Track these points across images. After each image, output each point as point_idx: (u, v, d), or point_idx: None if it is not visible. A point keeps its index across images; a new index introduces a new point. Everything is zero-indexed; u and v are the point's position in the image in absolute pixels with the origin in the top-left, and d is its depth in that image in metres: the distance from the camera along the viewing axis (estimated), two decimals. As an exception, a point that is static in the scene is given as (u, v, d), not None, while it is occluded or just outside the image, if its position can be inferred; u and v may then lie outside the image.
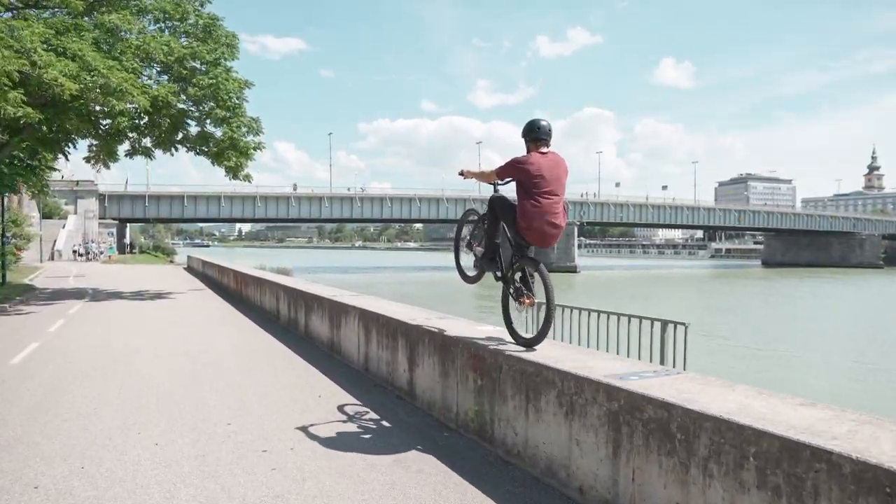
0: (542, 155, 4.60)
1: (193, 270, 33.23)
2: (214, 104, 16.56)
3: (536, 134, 4.65)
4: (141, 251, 68.96)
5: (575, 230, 75.72)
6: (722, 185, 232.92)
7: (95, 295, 18.78)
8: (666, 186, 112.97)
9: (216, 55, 16.81)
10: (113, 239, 62.30)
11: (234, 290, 18.49)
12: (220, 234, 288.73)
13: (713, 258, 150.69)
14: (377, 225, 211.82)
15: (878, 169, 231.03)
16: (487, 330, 5.61)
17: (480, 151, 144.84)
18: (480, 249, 5.16)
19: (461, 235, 5.63)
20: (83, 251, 53.54)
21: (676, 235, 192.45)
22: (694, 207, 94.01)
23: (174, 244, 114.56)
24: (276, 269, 32.87)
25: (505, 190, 5.07)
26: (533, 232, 4.54)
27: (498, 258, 4.99)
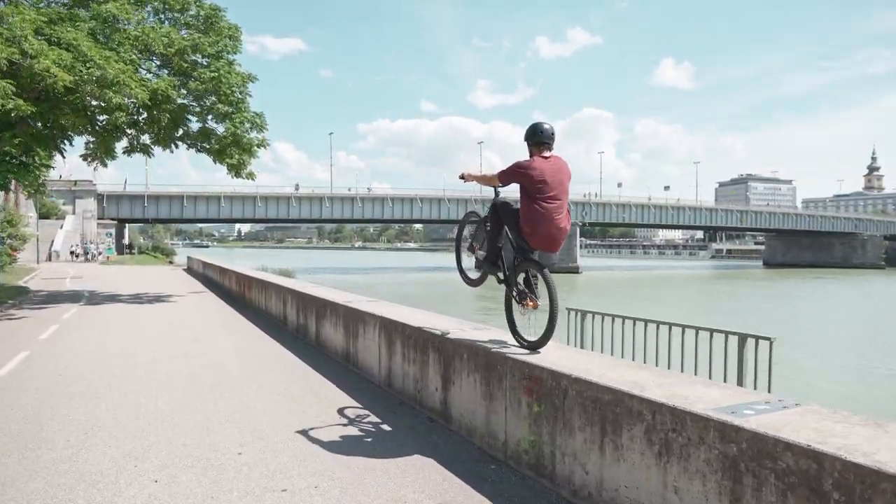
0: (544, 159, 4.57)
1: (193, 272, 32.48)
2: (216, 99, 15.82)
3: (539, 138, 4.61)
4: (140, 252, 68.25)
5: (577, 231, 75.21)
6: (722, 185, 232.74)
7: (92, 298, 18.05)
8: (668, 187, 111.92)
9: (218, 48, 16.08)
10: (111, 239, 61.56)
11: (236, 292, 17.75)
12: (219, 234, 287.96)
13: (714, 259, 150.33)
14: (377, 225, 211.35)
15: (878, 169, 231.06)
16: (545, 349, 4.89)
17: (481, 152, 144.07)
18: (482, 252, 5.10)
19: (462, 238, 5.59)
20: (81, 252, 52.75)
21: (677, 236, 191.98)
22: (696, 208, 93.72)
23: (173, 244, 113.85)
24: (277, 270, 32.16)
25: (506, 192, 5.01)
26: (537, 237, 4.53)
27: (500, 261, 4.93)
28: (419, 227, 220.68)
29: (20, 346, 9.45)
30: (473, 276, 5.31)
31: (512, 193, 4.98)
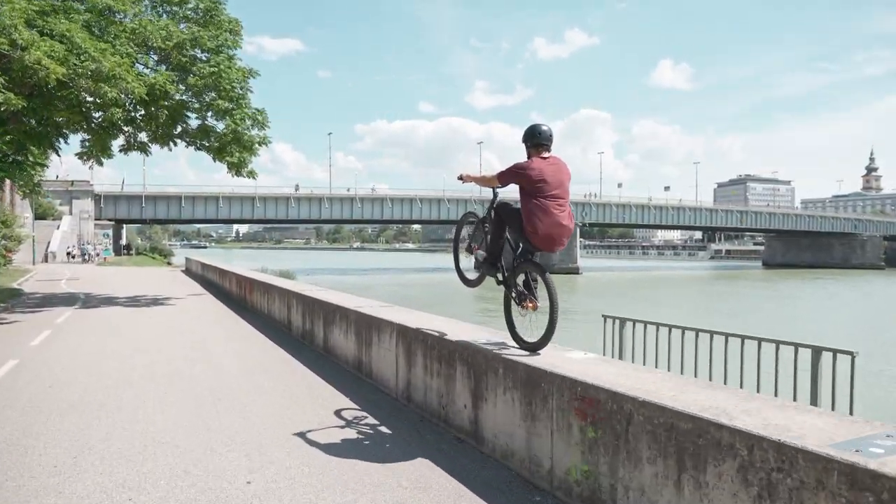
0: (543, 160, 4.54)
1: (192, 273, 31.91)
2: (216, 95, 15.25)
3: (537, 139, 4.60)
4: (138, 253, 67.69)
5: (577, 231, 74.84)
6: (721, 186, 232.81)
7: (88, 301, 17.48)
8: (668, 187, 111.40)
9: (218, 42, 15.52)
10: (109, 240, 60.98)
11: (236, 295, 17.20)
12: (217, 235, 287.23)
13: (713, 259, 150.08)
14: (375, 226, 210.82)
15: (876, 170, 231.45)
16: (586, 359, 4.36)
17: (481, 152, 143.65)
18: (482, 253, 5.07)
19: (460, 238, 5.56)
20: (78, 253, 52.11)
21: (675, 236, 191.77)
22: (696, 208, 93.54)
23: (171, 245, 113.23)
24: (277, 272, 31.61)
25: (505, 193, 4.97)
26: (541, 237, 4.47)
27: (500, 262, 4.90)
28: (417, 227, 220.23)
29: (10, 353, 8.90)
30: (471, 276, 5.25)
31: (510, 194, 4.94)
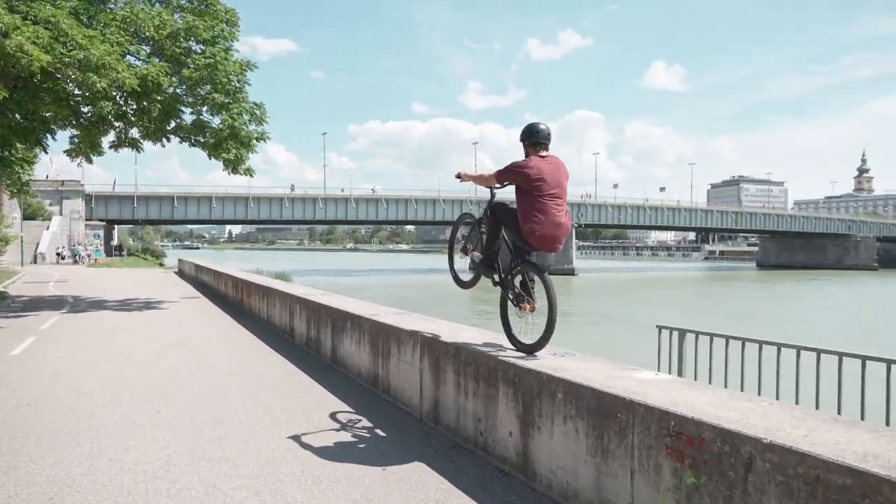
0: (541, 158, 4.50)
1: (185, 275, 31.07)
2: (212, 88, 14.48)
3: (535, 138, 4.55)
4: (129, 254, 66.69)
5: (573, 232, 74.41)
6: (714, 187, 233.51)
7: (76, 304, 16.67)
8: (664, 188, 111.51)
9: (214, 33, 14.75)
10: (100, 241, 59.99)
11: (233, 298, 16.43)
12: (209, 236, 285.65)
13: (707, 260, 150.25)
14: (368, 227, 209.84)
15: (867, 171, 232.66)
16: (664, 382, 3.65)
17: (472, 152, 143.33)
18: (478, 254, 5.00)
19: (455, 239, 5.50)
20: (68, 254, 51.11)
21: (669, 237, 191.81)
22: (692, 209, 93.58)
23: (163, 246, 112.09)
24: (273, 273, 30.82)
25: (501, 193, 4.91)
26: (538, 237, 4.40)
27: (496, 263, 4.82)
28: (411, 228, 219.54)
29: (-13, 364, 8.15)
30: (466, 277, 5.20)
31: (508, 195, 4.83)
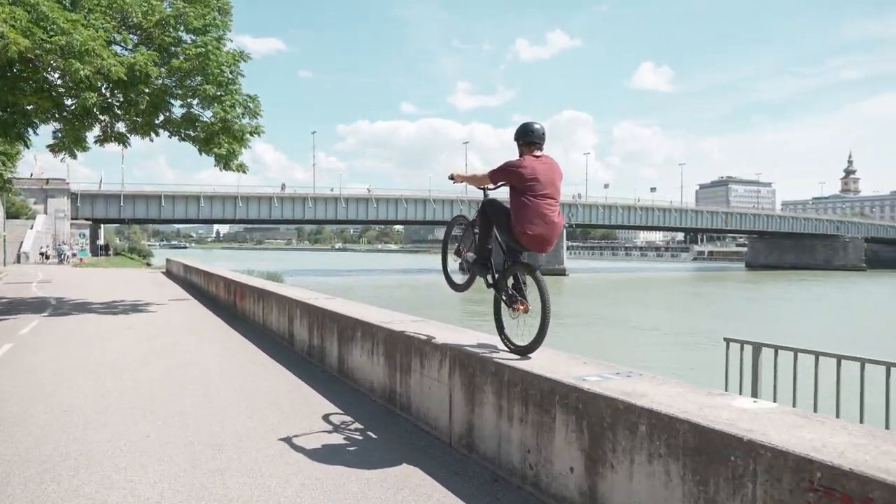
0: (535, 158, 4.45)
1: (173, 275, 30.19)
2: (203, 79, 13.70)
3: (530, 137, 4.50)
4: (116, 253, 65.59)
5: (564, 232, 74.08)
6: (703, 187, 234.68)
7: (59, 307, 15.82)
8: (654, 188, 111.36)
9: (205, 21, 13.96)
10: (85, 240, 58.82)
11: (224, 301, 15.65)
12: (197, 235, 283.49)
13: (696, 260, 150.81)
14: (357, 227, 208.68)
15: (854, 172, 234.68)
16: (772, 413, 2.97)
17: (461, 153, 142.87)
18: (471, 255, 4.93)
19: (449, 242, 5.48)
20: (53, 253, 49.96)
21: (658, 238, 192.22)
22: (682, 209, 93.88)
23: (150, 246, 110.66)
24: (265, 274, 30.02)
25: (495, 194, 4.86)
26: (530, 237, 4.32)
27: (489, 264, 4.75)
28: (400, 228, 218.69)
29: (-44, 376, 7.37)
30: (460, 280, 5.11)
31: (501, 195, 4.75)
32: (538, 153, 4.48)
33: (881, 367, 4.40)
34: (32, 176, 62.35)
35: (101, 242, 64.81)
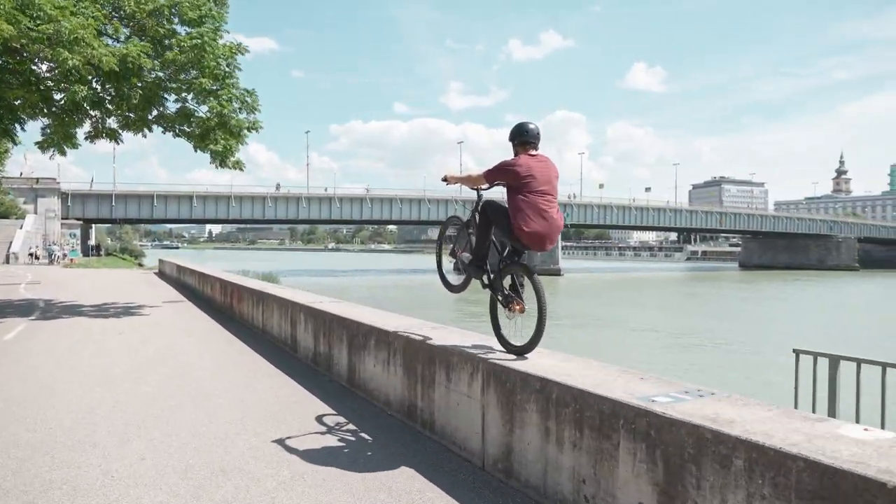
0: (531, 157, 4.41)
1: (166, 276, 29.55)
2: (199, 73, 13.12)
3: (525, 137, 4.47)
4: (107, 254, 64.76)
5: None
6: (696, 187, 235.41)
7: (48, 309, 15.21)
8: (649, 188, 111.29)
9: (201, 12, 13.40)
10: (76, 241, 58.06)
11: (220, 303, 15.08)
12: (189, 235, 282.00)
13: (689, 260, 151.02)
14: (350, 227, 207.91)
15: (845, 173, 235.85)
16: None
17: (454, 153, 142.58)
18: (467, 255, 4.86)
19: (443, 242, 5.46)
20: (43, 254, 49.16)
21: (651, 238, 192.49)
22: (677, 209, 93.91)
23: (142, 246, 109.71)
24: (260, 275, 29.43)
25: (489, 195, 4.84)
26: (530, 235, 4.23)
27: (486, 264, 4.69)
28: (393, 228, 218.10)
29: (-66, 387, 6.80)
30: (455, 282, 5.08)
31: (495, 196, 4.79)
32: (533, 152, 4.46)
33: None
34: (22, 175, 61.50)
35: (92, 242, 63.98)
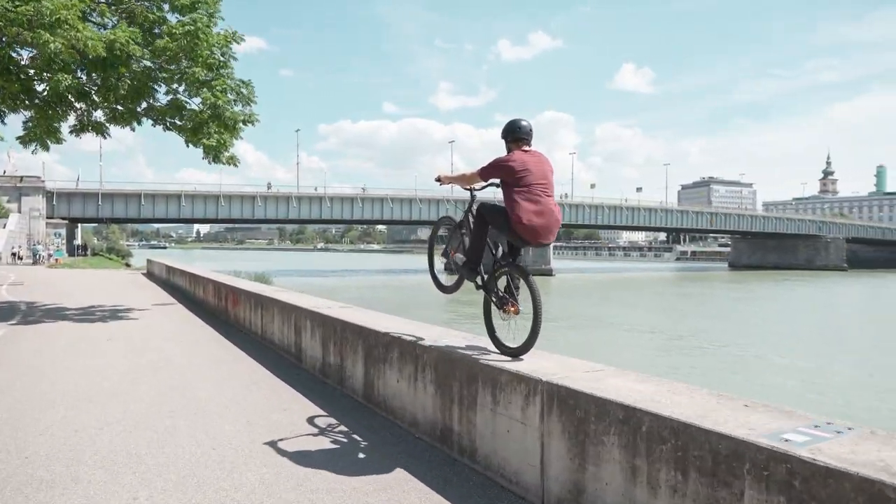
0: (525, 152, 4.40)
1: (154, 277, 28.66)
2: (192, 62, 12.37)
3: (518, 134, 4.49)
4: (93, 254, 63.55)
5: (551, 231, 73.72)
6: (685, 188, 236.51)
7: (29, 313, 14.37)
8: (640, 188, 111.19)
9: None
10: (61, 240, 56.94)
11: (214, 306, 14.30)
12: (177, 235, 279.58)
13: (679, 260, 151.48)
14: (339, 227, 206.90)
15: (832, 174, 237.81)
16: None
17: (443, 153, 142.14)
18: (460, 256, 4.70)
19: (435, 244, 5.40)
20: (27, 254, 48.05)
21: (640, 238, 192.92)
22: (667, 210, 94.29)
23: (129, 246, 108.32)
24: (252, 275, 28.62)
25: (482, 195, 4.84)
26: (529, 227, 4.18)
27: (479, 266, 4.61)
28: (382, 228, 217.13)
29: None
30: (447, 283, 5.02)
31: (487, 196, 4.81)
32: (527, 148, 4.45)
33: None
34: (5, 173, 60.26)
35: (78, 242, 62.86)
